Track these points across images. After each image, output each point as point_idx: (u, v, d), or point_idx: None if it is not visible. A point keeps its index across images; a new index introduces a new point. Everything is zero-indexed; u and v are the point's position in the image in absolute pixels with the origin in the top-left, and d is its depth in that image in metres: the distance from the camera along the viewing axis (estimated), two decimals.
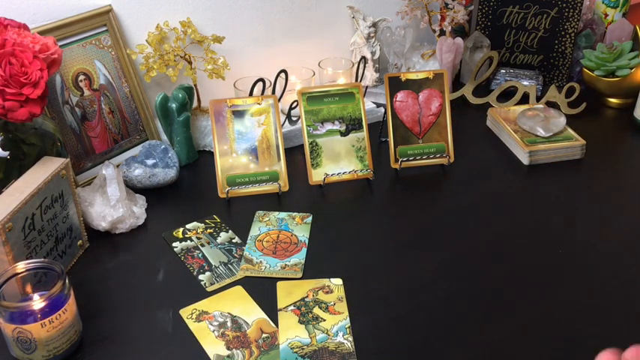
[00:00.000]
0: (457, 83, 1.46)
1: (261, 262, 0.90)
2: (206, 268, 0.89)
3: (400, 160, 1.12)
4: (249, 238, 0.96)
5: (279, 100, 1.15)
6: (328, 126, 1.09)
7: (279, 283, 0.86)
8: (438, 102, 1.13)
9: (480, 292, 0.85)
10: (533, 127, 1.19)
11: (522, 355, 0.75)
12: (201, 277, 0.87)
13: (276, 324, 0.79)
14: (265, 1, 1.28)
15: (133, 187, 1.05)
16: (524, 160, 1.15)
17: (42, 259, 0.76)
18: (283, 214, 1.01)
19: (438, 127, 1.14)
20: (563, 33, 1.39)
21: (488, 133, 1.27)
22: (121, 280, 0.88)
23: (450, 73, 1.39)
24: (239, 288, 0.85)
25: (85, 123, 1.08)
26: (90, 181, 1.04)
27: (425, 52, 1.45)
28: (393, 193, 1.09)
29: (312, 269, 0.89)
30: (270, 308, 0.81)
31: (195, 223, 0.99)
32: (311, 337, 0.77)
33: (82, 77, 1.07)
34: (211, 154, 1.16)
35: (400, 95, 1.13)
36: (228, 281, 0.87)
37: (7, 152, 0.88)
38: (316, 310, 0.81)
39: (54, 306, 0.71)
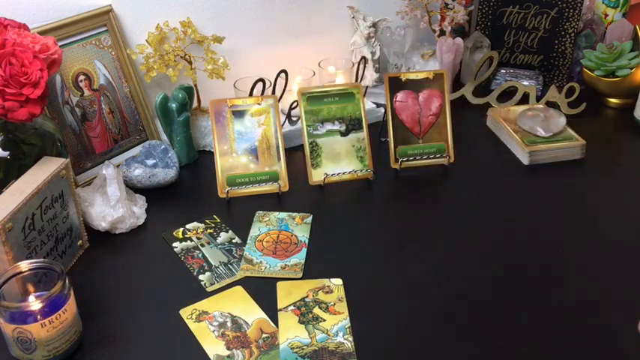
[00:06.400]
0: (457, 83, 1.46)
1: (261, 262, 0.90)
2: (206, 268, 0.89)
3: (400, 160, 1.12)
4: (249, 238, 0.96)
5: (279, 100, 1.15)
6: (328, 126, 1.09)
7: (279, 283, 0.86)
8: (438, 102, 1.13)
9: (480, 292, 0.85)
10: (533, 127, 1.19)
11: (522, 355, 0.75)
12: (201, 277, 0.87)
13: (276, 324, 0.79)
14: (265, 1, 1.28)
15: (133, 187, 1.05)
16: (524, 160, 1.15)
17: (42, 259, 0.76)
18: (283, 214, 1.01)
19: (438, 127, 1.14)
20: (563, 33, 1.39)
21: (489, 133, 1.27)
22: (120, 280, 0.88)
23: (450, 73, 1.39)
24: (239, 288, 0.85)
25: (85, 123, 1.08)
26: (90, 181, 1.04)
27: (425, 52, 1.45)
28: (393, 193, 1.09)
29: (312, 269, 0.89)
30: (270, 308, 0.81)
31: (195, 223, 0.99)
32: (311, 337, 0.77)
33: (82, 77, 1.07)
34: (211, 154, 1.16)
35: (400, 95, 1.13)
36: (228, 281, 0.87)
37: (7, 152, 0.88)
38: (316, 310, 0.81)
39: (54, 306, 0.71)
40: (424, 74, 1.14)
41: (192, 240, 0.95)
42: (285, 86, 1.17)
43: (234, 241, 0.95)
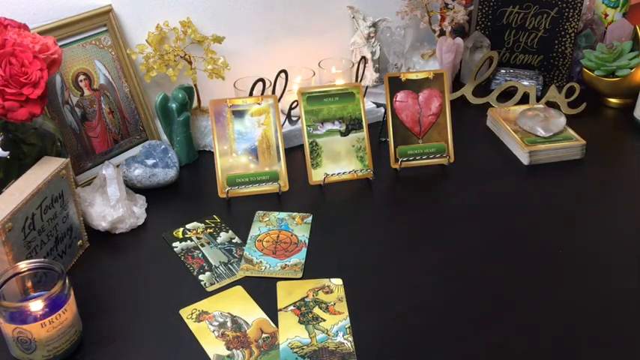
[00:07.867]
0: (457, 83, 1.46)
1: (261, 262, 0.90)
2: (206, 268, 0.89)
3: (400, 160, 1.12)
4: (249, 238, 0.96)
5: (279, 100, 1.15)
6: (328, 126, 1.09)
7: (279, 283, 0.86)
8: (438, 102, 1.13)
9: (479, 292, 0.85)
10: (533, 127, 1.19)
11: (522, 355, 0.75)
12: (201, 277, 0.87)
13: (276, 324, 0.79)
14: (265, 1, 1.28)
15: (133, 187, 1.05)
16: (524, 160, 1.15)
17: (42, 259, 0.76)
18: (283, 214, 1.01)
19: (438, 127, 1.14)
20: (563, 33, 1.39)
21: (488, 133, 1.27)
22: (121, 280, 0.88)
23: (450, 73, 1.39)
24: (239, 288, 0.85)
25: (85, 123, 1.08)
26: (90, 181, 1.04)
27: (425, 52, 1.45)
28: (393, 193, 1.09)
29: (312, 269, 0.89)
30: (270, 308, 0.81)
31: (195, 223, 0.99)
32: (311, 337, 0.77)
33: (82, 77, 1.07)
34: (211, 154, 1.16)
35: (400, 95, 1.13)
36: (228, 281, 0.87)
37: (7, 152, 0.88)
38: (316, 310, 0.81)
39: (54, 306, 0.71)
40: (424, 74, 1.14)
41: (192, 240, 0.95)
42: (285, 86, 1.17)
43: (234, 241, 0.95)
